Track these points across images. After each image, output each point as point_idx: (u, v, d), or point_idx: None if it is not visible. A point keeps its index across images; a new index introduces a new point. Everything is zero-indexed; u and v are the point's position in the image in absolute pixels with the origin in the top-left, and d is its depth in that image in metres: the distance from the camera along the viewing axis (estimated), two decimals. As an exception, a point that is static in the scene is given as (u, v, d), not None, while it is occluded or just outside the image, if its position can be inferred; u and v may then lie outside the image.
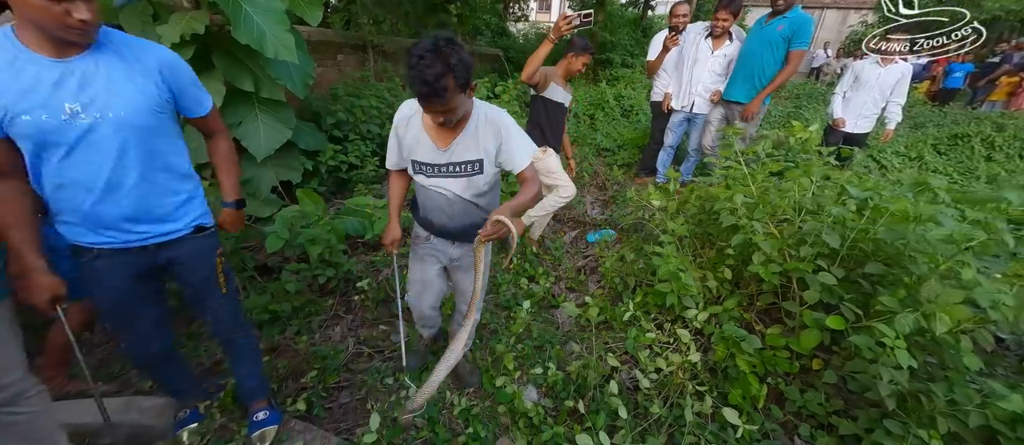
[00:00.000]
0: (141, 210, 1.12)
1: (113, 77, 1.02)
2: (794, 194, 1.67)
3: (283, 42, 2.17)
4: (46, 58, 0.95)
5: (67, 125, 0.98)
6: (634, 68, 6.96)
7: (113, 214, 1.09)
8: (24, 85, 0.94)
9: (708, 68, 3.26)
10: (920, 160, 4.41)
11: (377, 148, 3.92)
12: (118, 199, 1.08)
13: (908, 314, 1.14)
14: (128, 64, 1.04)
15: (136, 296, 1.23)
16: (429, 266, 1.52)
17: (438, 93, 1.02)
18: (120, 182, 1.07)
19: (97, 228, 1.11)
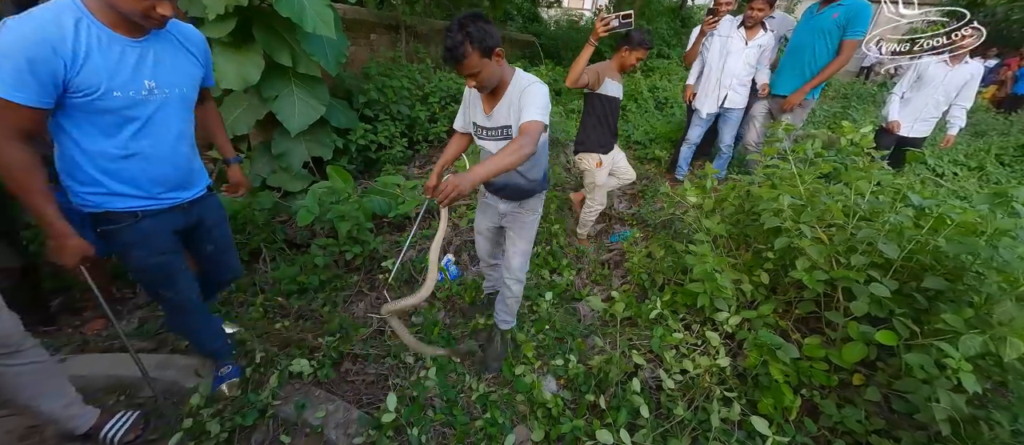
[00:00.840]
0: (187, 172, 1.26)
1: (177, 57, 1.16)
2: (848, 198, 1.55)
3: (322, 17, 2.18)
4: (126, 38, 1.04)
5: (146, 100, 1.09)
6: (670, 59, 6.69)
7: (174, 177, 1.22)
8: (112, 63, 1.01)
9: (743, 60, 3.04)
10: (981, 170, 4.07)
11: (406, 129, 3.93)
12: (177, 163, 1.21)
13: (975, 336, 1.04)
14: (181, 46, 1.18)
15: (177, 250, 1.32)
16: (485, 217, 1.76)
17: (457, 57, 1.19)
18: (179, 149, 1.21)
19: (155, 191, 1.19)
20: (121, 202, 1.16)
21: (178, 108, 1.17)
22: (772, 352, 1.50)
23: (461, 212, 2.92)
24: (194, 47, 1.22)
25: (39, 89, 0.93)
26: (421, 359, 1.83)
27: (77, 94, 0.98)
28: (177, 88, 1.15)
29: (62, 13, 0.94)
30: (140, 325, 1.98)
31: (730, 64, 3.05)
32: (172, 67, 1.13)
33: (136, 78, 1.05)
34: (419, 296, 1.26)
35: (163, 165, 1.17)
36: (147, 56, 1.07)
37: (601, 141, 2.42)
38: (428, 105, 4.09)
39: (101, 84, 0.99)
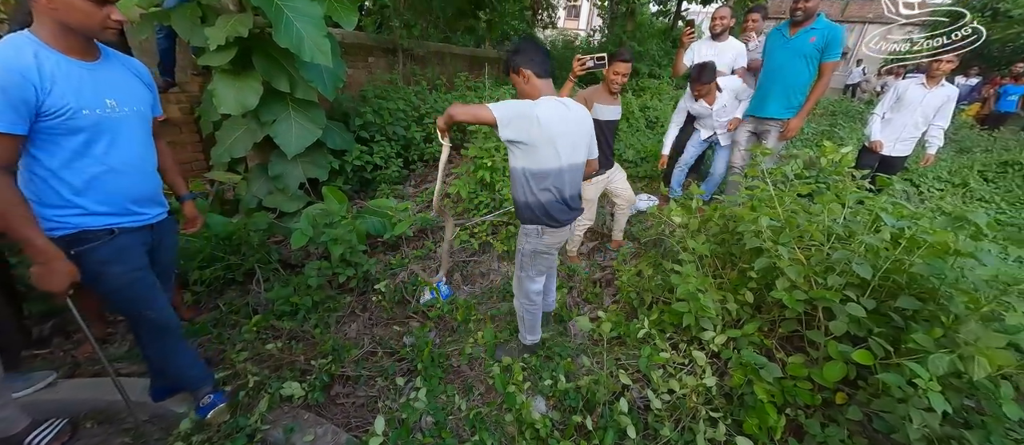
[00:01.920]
0: (156, 187, 1.38)
1: (128, 80, 1.27)
2: (824, 219, 1.61)
3: (320, 46, 2.26)
4: (81, 61, 1.12)
5: (110, 117, 1.17)
6: (661, 79, 6.86)
7: (145, 190, 1.31)
8: (75, 85, 1.09)
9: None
10: (965, 187, 4.16)
11: (402, 149, 4.01)
12: (147, 174, 1.32)
13: (943, 355, 1.08)
14: (129, 71, 1.29)
15: (148, 268, 1.37)
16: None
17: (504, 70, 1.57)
18: (145, 164, 1.31)
19: (129, 206, 1.27)
20: (96, 220, 1.20)
21: (139, 124, 1.27)
22: (756, 372, 1.52)
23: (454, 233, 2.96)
24: (140, 74, 1.34)
25: (14, 116, 1.00)
26: (411, 380, 1.84)
27: (50, 117, 1.05)
28: (134, 106, 1.25)
29: (21, 45, 1.03)
30: (130, 348, 1.99)
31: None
32: (126, 87, 1.24)
33: (98, 97, 1.14)
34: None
35: (135, 177, 1.26)
36: (103, 77, 1.17)
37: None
38: (423, 126, 4.18)
39: (70, 104, 1.07)
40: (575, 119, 1.55)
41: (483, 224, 2.94)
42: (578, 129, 1.56)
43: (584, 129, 1.60)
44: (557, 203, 1.57)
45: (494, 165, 3.09)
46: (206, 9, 2.42)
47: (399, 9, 5.17)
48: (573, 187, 1.63)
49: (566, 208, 1.61)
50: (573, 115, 1.54)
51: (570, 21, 27.14)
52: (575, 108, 1.57)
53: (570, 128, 1.52)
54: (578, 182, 1.66)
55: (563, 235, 1.68)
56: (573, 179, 1.61)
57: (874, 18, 17.95)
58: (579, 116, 1.57)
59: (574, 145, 1.55)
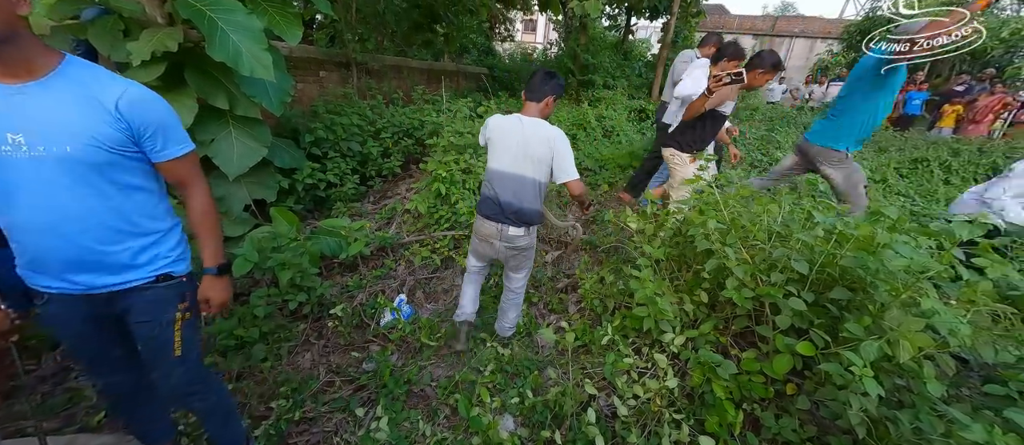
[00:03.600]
0: (86, 258, 1.01)
1: (68, 109, 0.92)
2: (764, 220, 1.71)
3: (260, 60, 2.14)
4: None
5: (7, 159, 0.89)
6: (615, 89, 7.14)
7: (55, 259, 1.00)
8: None
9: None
10: (884, 182, 4.62)
11: (358, 165, 3.87)
12: (69, 242, 0.98)
13: (873, 342, 1.16)
14: (84, 95, 0.94)
15: (96, 340, 1.15)
16: None
17: None
18: (67, 225, 0.97)
19: (41, 272, 1.03)
20: (30, 279, 1.04)
21: (60, 172, 0.92)
22: (714, 370, 1.57)
23: (413, 250, 2.88)
24: (107, 101, 0.95)
25: None
26: (371, 409, 1.74)
27: None
28: (56, 145, 0.90)
29: None
30: (42, 400, 1.75)
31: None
32: (54, 119, 0.90)
33: None
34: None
35: (48, 239, 0.97)
36: (21, 104, 0.88)
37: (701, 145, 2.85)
38: (380, 141, 4.07)
39: None
40: (517, 133, 1.73)
41: (445, 239, 2.88)
42: (518, 141, 1.73)
43: (529, 146, 1.72)
44: (489, 199, 1.83)
45: (451, 177, 3.05)
46: (129, 22, 2.23)
47: (351, 23, 5.05)
48: (508, 194, 1.77)
49: (495, 207, 1.81)
50: (521, 132, 1.73)
51: (527, 34, 27.83)
52: (532, 125, 1.73)
53: (505, 138, 1.76)
54: (517, 194, 1.77)
55: (487, 230, 1.86)
56: (510, 187, 1.77)
57: (800, 33, 19.78)
58: (527, 133, 1.72)
59: (513, 154, 1.74)
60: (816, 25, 19.85)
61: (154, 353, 1.16)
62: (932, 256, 1.28)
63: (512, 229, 1.82)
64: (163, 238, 1.13)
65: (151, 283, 1.11)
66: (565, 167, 1.74)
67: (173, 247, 1.16)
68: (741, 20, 20.81)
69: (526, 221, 1.82)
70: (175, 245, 1.16)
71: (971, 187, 2.75)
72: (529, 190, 1.77)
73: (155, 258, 1.11)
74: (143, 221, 1.08)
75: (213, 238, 1.22)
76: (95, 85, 0.96)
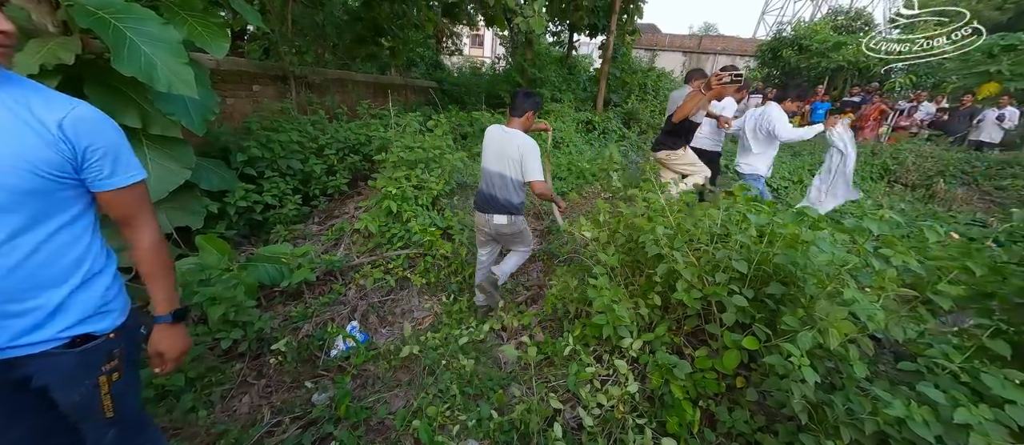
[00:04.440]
0: None
1: None
2: (706, 223, 1.82)
3: (179, 75, 1.94)
4: None
5: None
6: (562, 102, 7.39)
7: None
8: None
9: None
10: (801, 184, 5.17)
11: (300, 184, 3.63)
12: None
13: (807, 333, 1.26)
14: (18, 113, 0.80)
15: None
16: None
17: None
18: None
19: None
20: None
21: None
22: (671, 371, 1.63)
23: (365, 271, 2.72)
24: (46, 120, 0.82)
25: None
26: (323, 452, 1.59)
27: None
28: None
29: None
30: None
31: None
32: None
33: None
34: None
35: None
36: None
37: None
38: (324, 158, 3.86)
39: None
40: (500, 141, 2.16)
41: (398, 258, 2.76)
42: (498, 145, 2.16)
43: (505, 149, 2.13)
44: (480, 193, 2.28)
45: (402, 194, 2.95)
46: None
47: (287, 35, 4.78)
48: (493, 188, 2.20)
49: (483, 200, 2.24)
50: (500, 139, 2.16)
51: (475, 49, 28.17)
52: (510, 134, 2.13)
53: (490, 142, 2.20)
54: (499, 189, 2.18)
55: (479, 220, 2.30)
56: (491, 182, 2.20)
57: (722, 51, 21.89)
58: (505, 140, 2.14)
59: (494, 155, 2.18)
60: (734, 44, 22.11)
61: (80, 417, 0.98)
62: (848, 250, 1.43)
63: (497, 217, 2.21)
64: (86, 286, 0.93)
65: (62, 348, 0.90)
66: (529, 169, 2.11)
67: (99, 296, 0.95)
68: (671, 38, 22.63)
69: (508, 210, 2.20)
70: (103, 293, 0.96)
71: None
72: (507, 184, 2.18)
73: (71, 314, 0.91)
74: (61, 268, 0.89)
75: (165, 281, 1.05)
76: (35, 101, 0.82)
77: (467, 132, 5.90)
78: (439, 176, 3.36)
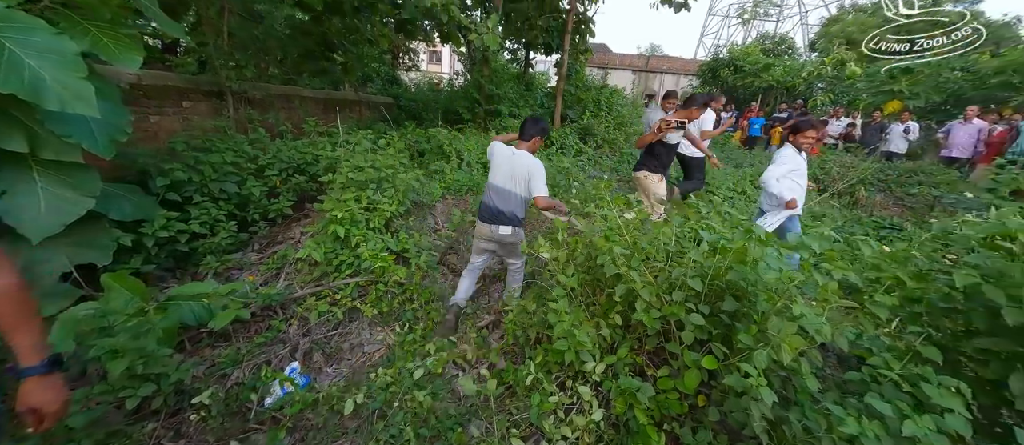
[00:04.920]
0: None
1: None
2: (660, 242, 1.83)
3: (75, 91, 1.68)
4: None
5: None
6: (520, 118, 7.46)
7: None
8: None
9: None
10: (744, 194, 5.51)
11: (236, 209, 3.31)
12: None
13: (762, 351, 1.27)
14: None
15: None
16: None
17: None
18: None
19: None
20: None
21: None
22: (634, 396, 1.58)
23: (309, 304, 2.49)
24: None
25: None
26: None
27: None
28: None
29: None
30: None
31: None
32: None
33: None
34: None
35: None
36: None
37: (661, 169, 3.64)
38: (265, 179, 3.56)
39: None
40: (509, 160, 2.42)
41: (347, 288, 2.55)
42: (508, 165, 2.42)
43: (515, 169, 2.40)
44: (486, 206, 2.47)
45: (351, 217, 2.76)
46: None
47: (222, 47, 4.44)
48: (499, 202, 2.43)
49: (489, 212, 2.45)
50: (510, 159, 2.42)
51: (433, 65, 28.11)
52: (519, 155, 2.41)
53: (501, 162, 2.45)
54: (506, 204, 2.43)
55: (483, 231, 2.50)
56: (499, 197, 2.43)
57: (667, 70, 23.38)
58: (515, 161, 2.40)
59: (503, 175, 2.42)
60: (678, 64, 23.71)
61: None
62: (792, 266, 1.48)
63: (502, 228, 2.44)
64: None
65: None
66: (535, 186, 2.38)
67: None
68: (621, 57, 23.85)
69: (512, 222, 2.45)
70: None
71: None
72: (514, 200, 2.43)
73: None
74: None
75: (29, 327, 0.92)
76: None
77: (424, 149, 5.76)
78: (392, 196, 3.20)
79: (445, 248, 3.60)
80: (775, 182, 3.03)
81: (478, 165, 5.39)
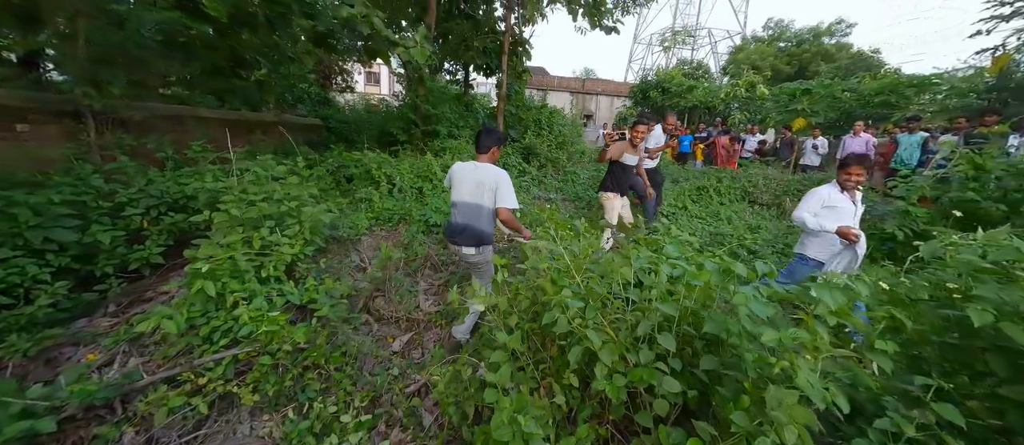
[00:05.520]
0: None
1: None
2: (617, 282, 1.50)
3: None
4: None
5: None
6: (460, 139, 7.09)
7: None
8: None
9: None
10: (685, 209, 5.56)
11: (77, 262, 2.50)
12: None
13: (765, 439, 0.95)
14: None
15: None
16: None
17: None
18: None
19: None
20: None
21: None
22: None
23: (157, 397, 1.80)
24: None
25: None
26: None
27: None
28: None
29: None
30: None
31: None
32: None
33: None
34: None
35: None
36: None
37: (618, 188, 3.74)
38: (124, 219, 2.77)
39: None
40: (474, 174, 2.32)
41: (220, 364, 1.90)
42: (473, 177, 2.32)
43: (481, 178, 2.30)
44: (451, 225, 2.37)
45: (233, 267, 2.13)
46: None
47: (75, 59, 3.56)
48: (465, 217, 2.31)
49: (455, 231, 2.34)
50: (474, 172, 2.33)
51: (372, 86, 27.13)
52: (483, 167, 2.33)
53: (464, 177, 2.35)
54: (473, 218, 2.30)
55: (452, 250, 2.46)
56: (465, 213, 2.32)
57: (602, 92, 24.64)
58: (479, 171, 2.32)
59: (469, 188, 2.31)
60: (612, 86, 25.12)
61: None
62: (782, 314, 1.20)
63: (465, 249, 2.33)
64: None
65: None
66: (503, 196, 2.28)
67: None
68: (559, 80, 24.75)
69: (476, 241, 2.31)
70: None
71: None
72: (483, 215, 2.32)
73: None
74: None
75: None
76: None
77: (353, 174, 5.15)
78: (296, 235, 2.60)
79: (370, 291, 3.04)
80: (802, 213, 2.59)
81: (412, 190, 4.88)
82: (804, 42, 24.13)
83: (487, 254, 2.37)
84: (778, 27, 27.93)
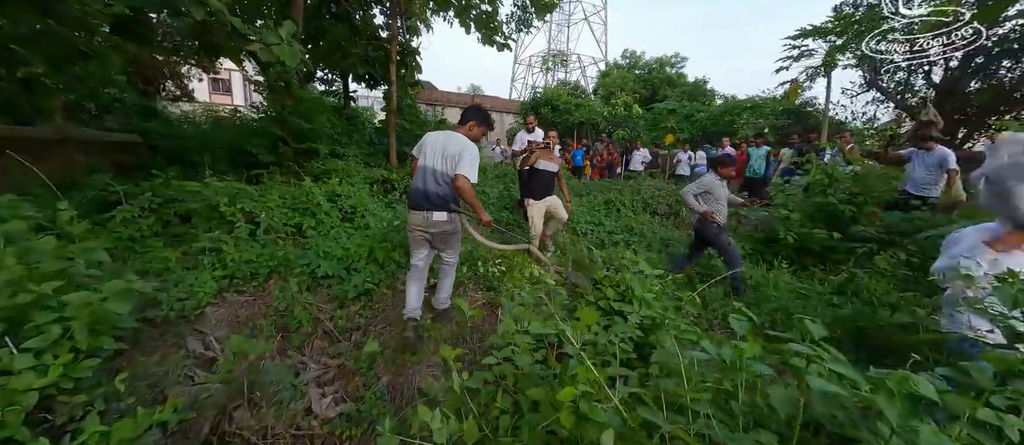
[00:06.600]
0: None
1: None
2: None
3: None
4: None
5: None
6: (347, 159, 5.95)
7: None
8: None
9: None
10: (601, 224, 5.53)
11: None
12: None
13: None
14: None
15: None
16: None
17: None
18: None
19: None
20: None
21: None
22: None
23: None
24: None
25: None
26: None
27: None
28: None
29: None
30: None
31: None
32: None
33: None
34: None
35: None
36: None
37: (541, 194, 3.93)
38: None
39: None
40: (443, 141, 2.37)
41: None
42: (441, 144, 2.36)
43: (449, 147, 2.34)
44: (417, 191, 2.36)
45: None
46: None
47: None
48: (431, 184, 2.32)
49: (421, 197, 2.34)
50: (444, 139, 2.38)
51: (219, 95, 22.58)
52: (453, 138, 2.37)
53: (433, 144, 2.38)
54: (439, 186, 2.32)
55: (415, 220, 2.38)
56: (431, 180, 2.33)
57: (492, 108, 25.14)
58: (449, 139, 2.37)
59: (437, 154, 2.35)
60: (500, 102, 25.86)
61: None
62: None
63: (436, 214, 2.33)
64: None
65: None
66: (463, 164, 2.27)
67: None
68: (448, 95, 24.42)
69: (445, 207, 2.33)
70: None
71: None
72: (445, 181, 2.32)
73: None
74: None
75: None
76: None
77: (190, 209, 3.68)
78: (57, 343, 1.45)
79: (223, 401, 1.96)
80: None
81: (287, 230, 3.69)
82: (653, 70, 28.71)
83: (457, 224, 2.44)
84: (633, 57, 32.66)
